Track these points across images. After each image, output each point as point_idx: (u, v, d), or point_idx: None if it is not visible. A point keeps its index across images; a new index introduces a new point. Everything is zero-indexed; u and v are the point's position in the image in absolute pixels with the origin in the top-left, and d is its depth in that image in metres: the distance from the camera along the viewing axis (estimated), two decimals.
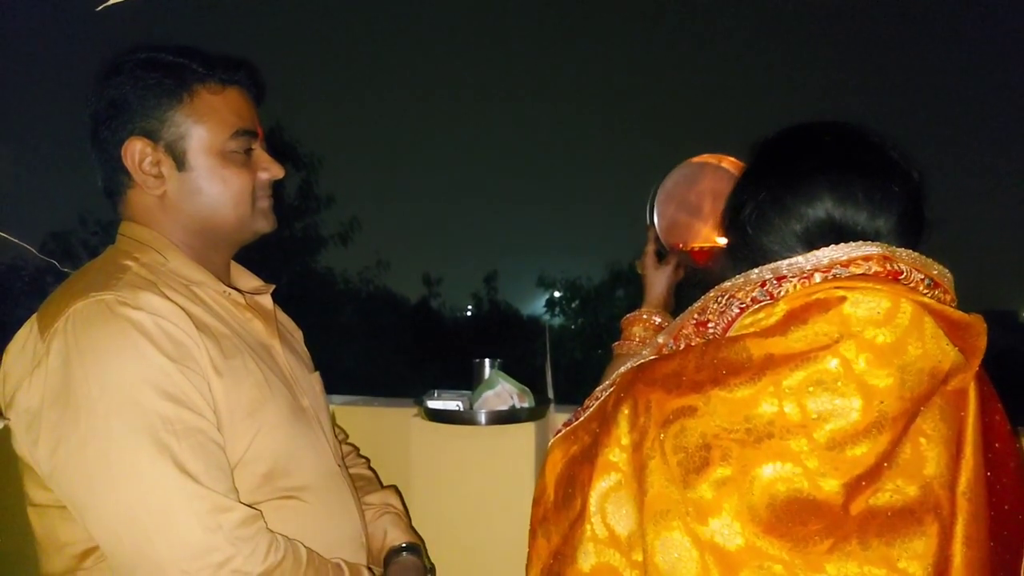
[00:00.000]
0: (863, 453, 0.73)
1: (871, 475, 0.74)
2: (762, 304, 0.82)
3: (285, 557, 0.96)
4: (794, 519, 0.73)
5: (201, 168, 1.06)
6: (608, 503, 0.81)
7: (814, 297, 0.78)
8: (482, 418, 1.59)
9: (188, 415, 0.93)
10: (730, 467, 0.74)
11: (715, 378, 0.77)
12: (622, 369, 0.91)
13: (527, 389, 1.63)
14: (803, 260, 0.83)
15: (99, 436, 0.89)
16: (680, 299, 1.38)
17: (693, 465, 0.75)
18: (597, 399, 0.92)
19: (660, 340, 0.94)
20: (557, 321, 16.25)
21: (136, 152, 1.04)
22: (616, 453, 0.82)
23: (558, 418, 1.60)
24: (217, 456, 0.95)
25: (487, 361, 1.74)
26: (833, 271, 0.81)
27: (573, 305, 16.10)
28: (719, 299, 0.87)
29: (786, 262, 0.84)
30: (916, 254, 0.83)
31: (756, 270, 0.85)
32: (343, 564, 1.06)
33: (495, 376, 1.66)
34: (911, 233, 0.86)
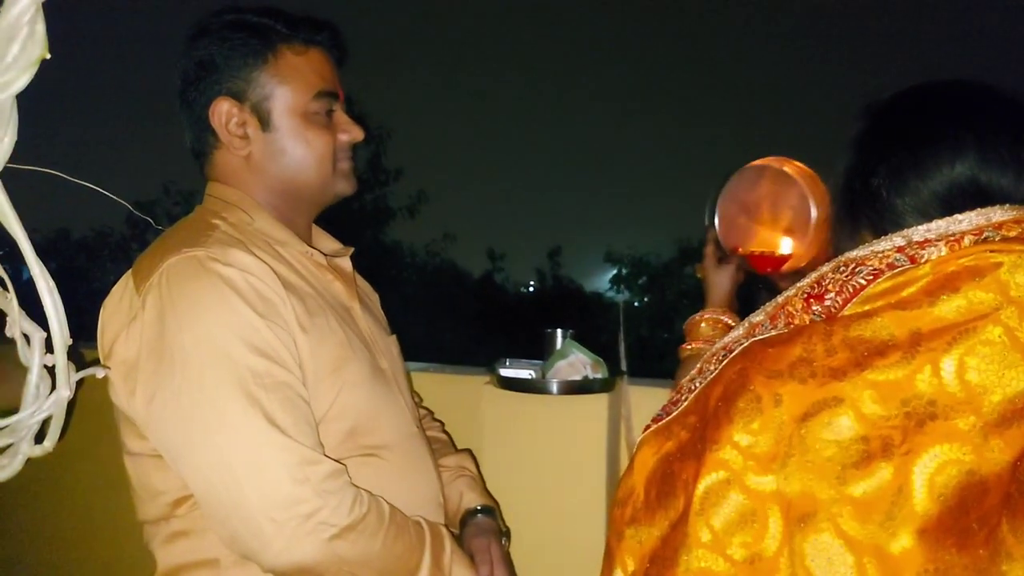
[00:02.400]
0: None
1: None
2: (901, 269, 0.77)
3: (369, 511, 0.97)
4: (964, 509, 0.67)
5: (285, 129, 1.08)
6: (713, 504, 0.75)
7: (964, 263, 0.72)
8: (554, 387, 1.58)
9: (277, 370, 0.95)
10: (894, 458, 0.68)
11: (858, 361, 0.71)
12: (713, 356, 0.87)
13: (600, 360, 1.62)
14: (948, 223, 0.77)
15: (193, 387, 0.92)
16: (742, 303, 1.35)
17: (850, 460, 0.69)
18: (689, 391, 0.87)
19: (756, 319, 0.88)
20: (622, 298, 16.10)
21: (223, 112, 1.06)
22: (728, 451, 0.75)
23: (631, 390, 1.58)
24: (304, 411, 0.97)
25: (559, 331, 1.73)
26: (985, 234, 0.76)
27: (640, 282, 15.91)
28: (840, 269, 0.81)
29: (925, 226, 0.78)
30: None
31: (888, 237, 0.80)
32: (423, 522, 1.07)
33: (568, 345, 1.65)
34: None
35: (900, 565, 0.66)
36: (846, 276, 0.80)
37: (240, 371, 0.92)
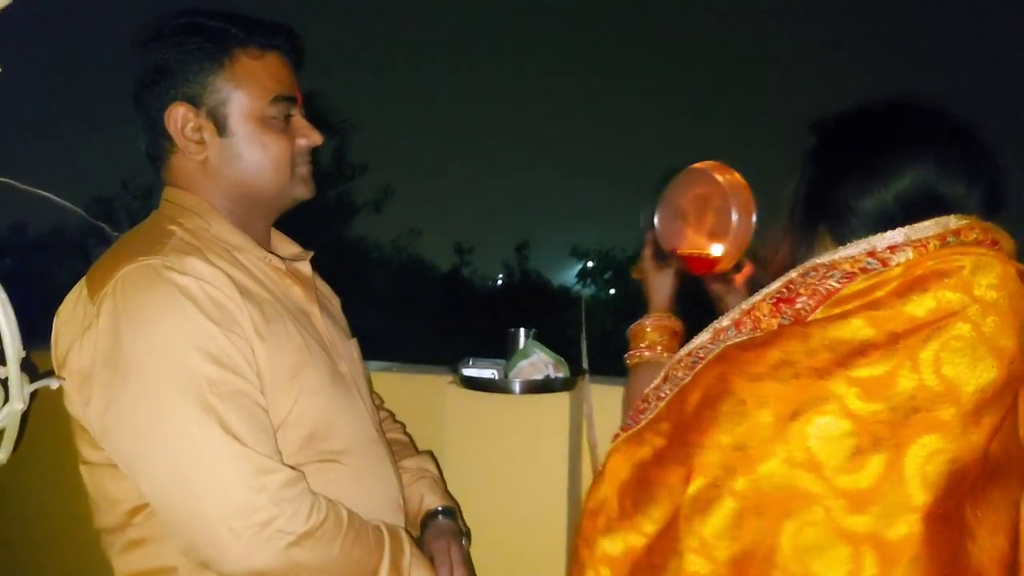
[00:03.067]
0: (999, 415, 0.73)
1: (998, 434, 0.75)
2: (875, 272, 0.80)
3: (327, 518, 0.97)
4: (950, 495, 0.71)
5: (242, 133, 1.07)
6: (701, 509, 0.76)
7: (931, 265, 0.77)
8: (517, 387, 1.60)
9: (233, 378, 0.94)
10: (884, 451, 0.71)
11: (840, 361, 0.74)
12: (680, 363, 0.89)
13: (562, 359, 1.63)
14: (913, 229, 0.82)
15: (148, 397, 0.91)
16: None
17: (842, 454, 0.72)
18: (658, 399, 0.89)
19: (720, 325, 0.89)
20: (588, 292, 16.20)
21: (179, 117, 1.05)
22: (714, 454, 0.76)
23: (592, 389, 1.60)
24: (261, 419, 0.97)
25: (522, 331, 1.74)
26: (948, 239, 0.81)
27: (606, 276, 16.02)
28: (810, 273, 0.84)
29: (892, 232, 0.82)
30: (998, 227, 0.84)
31: (855, 243, 0.84)
32: (383, 526, 1.08)
33: (531, 345, 1.66)
34: (994, 208, 0.86)
35: (898, 552, 0.70)
36: (817, 280, 0.83)
37: (196, 380, 0.92)
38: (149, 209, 1.13)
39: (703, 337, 0.91)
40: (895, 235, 0.82)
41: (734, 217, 1.25)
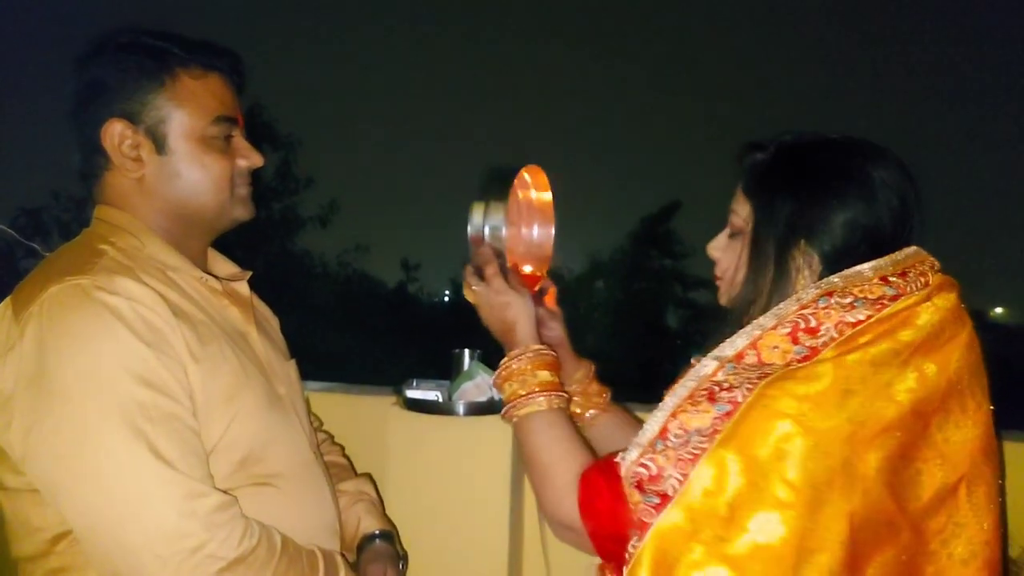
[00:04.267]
0: None
1: None
2: (889, 309, 0.87)
3: (259, 543, 0.96)
4: None
5: (181, 152, 1.06)
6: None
7: (913, 301, 0.88)
8: (460, 408, 1.59)
9: (164, 401, 0.93)
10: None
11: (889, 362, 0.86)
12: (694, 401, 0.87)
13: None
14: (889, 260, 0.92)
15: (74, 421, 0.89)
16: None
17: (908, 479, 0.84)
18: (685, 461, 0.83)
19: (725, 353, 0.90)
20: None
21: (116, 134, 1.04)
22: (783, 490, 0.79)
23: None
24: (192, 442, 0.95)
25: (466, 352, 1.74)
26: (929, 262, 0.94)
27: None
28: (825, 298, 0.89)
29: (895, 256, 0.92)
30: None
31: (855, 271, 0.91)
32: (317, 551, 1.07)
33: (475, 367, 1.66)
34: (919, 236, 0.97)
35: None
36: (836, 309, 0.88)
37: (125, 403, 0.90)
38: (81, 221, 1.11)
39: (717, 373, 0.89)
40: (892, 260, 0.92)
41: (526, 233, 1.17)
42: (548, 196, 1.17)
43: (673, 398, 0.89)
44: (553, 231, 1.18)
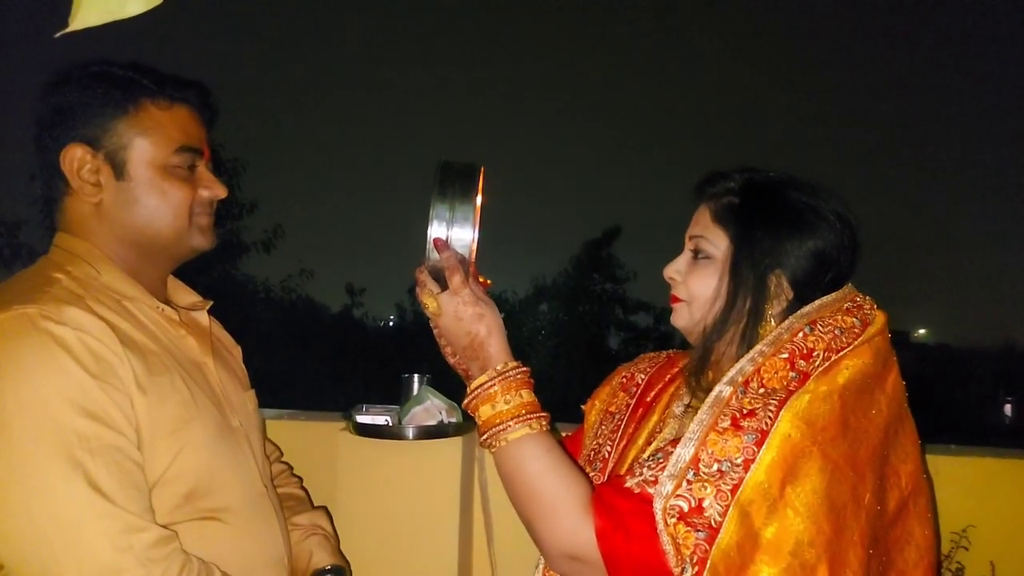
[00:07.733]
0: None
1: None
2: (863, 333, 0.97)
3: None
4: None
5: (140, 179, 1.07)
6: None
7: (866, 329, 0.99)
8: (410, 432, 1.63)
9: (106, 432, 0.92)
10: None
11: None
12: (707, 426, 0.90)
13: (455, 404, 1.68)
14: (849, 290, 1.03)
15: (10, 451, 0.88)
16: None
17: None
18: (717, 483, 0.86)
19: (738, 380, 0.94)
20: None
21: (75, 159, 1.05)
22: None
23: None
24: (134, 475, 0.94)
25: (416, 376, 1.78)
26: (862, 295, 1.04)
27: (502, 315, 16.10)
28: (811, 327, 0.97)
29: (847, 288, 1.03)
30: None
31: (832, 297, 1.01)
32: None
33: (424, 392, 1.70)
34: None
35: None
36: (821, 337, 0.96)
37: (65, 434, 0.89)
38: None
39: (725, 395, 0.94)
40: (846, 294, 1.02)
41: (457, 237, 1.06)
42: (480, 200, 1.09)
43: (698, 426, 0.90)
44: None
